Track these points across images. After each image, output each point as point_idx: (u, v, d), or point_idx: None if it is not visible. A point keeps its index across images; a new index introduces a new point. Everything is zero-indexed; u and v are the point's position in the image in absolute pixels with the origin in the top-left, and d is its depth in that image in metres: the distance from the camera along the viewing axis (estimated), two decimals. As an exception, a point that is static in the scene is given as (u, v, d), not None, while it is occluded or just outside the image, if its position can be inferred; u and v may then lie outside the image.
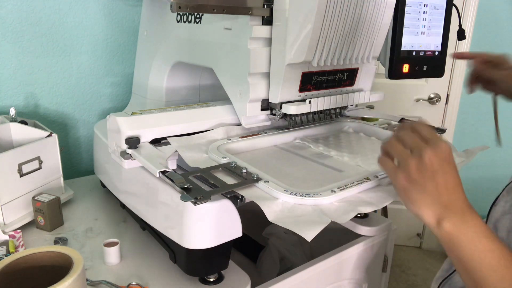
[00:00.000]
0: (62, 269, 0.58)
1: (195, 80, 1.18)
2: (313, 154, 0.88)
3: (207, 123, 0.90)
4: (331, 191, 0.66)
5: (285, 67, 0.79)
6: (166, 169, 0.69)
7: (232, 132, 0.91)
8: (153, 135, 0.83)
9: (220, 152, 0.79)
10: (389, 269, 1.05)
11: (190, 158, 0.76)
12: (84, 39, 1.28)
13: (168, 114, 0.88)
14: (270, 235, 1.12)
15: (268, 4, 0.78)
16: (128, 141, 0.78)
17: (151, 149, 0.79)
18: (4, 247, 0.81)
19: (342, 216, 0.61)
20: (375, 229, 0.96)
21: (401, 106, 2.16)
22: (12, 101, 1.20)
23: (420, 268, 2.19)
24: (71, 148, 1.34)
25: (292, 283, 0.81)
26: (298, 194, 0.63)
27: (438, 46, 0.97)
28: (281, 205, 0.63)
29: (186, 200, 0.60)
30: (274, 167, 0.80)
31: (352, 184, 0.69)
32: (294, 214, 0.61)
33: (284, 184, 0.67)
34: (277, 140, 0.94)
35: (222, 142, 0.85)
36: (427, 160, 0.49)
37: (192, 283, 0.76)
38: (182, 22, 1.00)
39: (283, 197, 0.63)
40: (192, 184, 0.64)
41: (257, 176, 0.68)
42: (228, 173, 0.71)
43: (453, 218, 0.49)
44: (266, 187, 0.66)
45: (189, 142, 0.84)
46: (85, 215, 1.01)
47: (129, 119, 0.82)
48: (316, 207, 0.63)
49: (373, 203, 0.66)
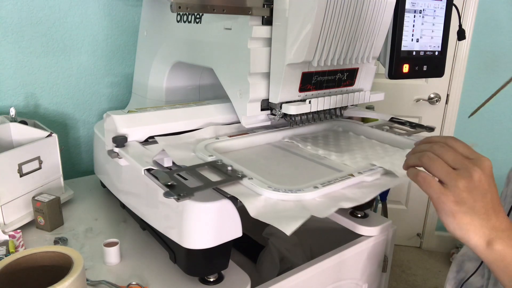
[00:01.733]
0: (62, 269, 0.58)
1: (195, 80, 1.18)
2: (301, 153, 0.89)
3: (201, 121, 0.92)
4: (314, 187, 0.66)
5: (285, 67, 0.79)
6: (151, 167, 0.69)
7: (221, 132, 0.92)
8: (150, 132, 0.84)
9: (207, 150, 0.80)
10: (389, 269, 1.05)
11: (177, 156, 0.77)
12: (84, 39, 1.28)
13: (164, 113, 0.89)
14: (270, 235, 1.12)
15: (268, 4, 0.78)
16: (115, 139, 0.79)
17: (138, 147, 0.80)
18: (4, 247, 0.81)
19: (323, 211, 0.62)
20: (375, 229, 0.96)
21: (401, 106, 2.16)
22: (12, 101, 1.20)
23: (420, 268, 2.19)
24: (71, 148, 1.34)
25: (292, 283, 0.81)
26: (281, 190, 0.64)
27: (438, 46, 0.97)
28: (264, 201, 0.63)
29: (169, 196, 0.60)
30: (260, 165, 0.81)
31: (336, 181, 0.70)
32: (277, 210, 0.61)
33: (269, 181, 0.68)
34: (266, 139, 0.95)
35: (210, 141, 0.86)
36: (477, 180, 0.46)
37: (192, 283, 0.76)
38: (182, 22, 1.00)
39: (266, 193, 0.64)
40: (176, 182, 0.64)
41: (242, 173, 0.69)
42: (214, 170, 0.71)
43: (504, 237, 0.47)
44: (250, 184, 0.66)
45: (177, 141, 0.84)
46: (85, 215, 1.01)
47: (125, 117, 0.83)
48: (299, 202, 0.64)
49: (356, 198, 0.67)
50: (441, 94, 2.12)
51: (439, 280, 2.10)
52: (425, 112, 2.15)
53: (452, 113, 2.14)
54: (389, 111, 1.17)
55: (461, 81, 2.09)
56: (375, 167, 0.78)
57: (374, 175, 0.75)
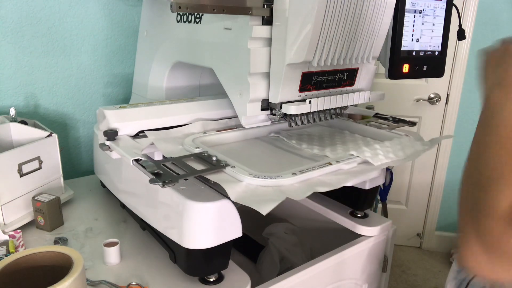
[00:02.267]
0: (62, 269, 0.58)
1: (195, 80, 1.18)
2: (285, 146, 0.92)
3: (190, 117, 0.95)
4: (292, 174, 0.70)
5: (285, 67, 0.79)
6: (139, 158, 0.72)
7: (209, 127, 0.95)
8: (140, 127, 0.88)
9: (195, 144, 0.83)
10: (389, 269, 1.05)
11: (165, 149, 0.80)
12: (84, 39, 1.28)
13: (154, 108, 0.93)
14: (270, 235, 1.12)
15: (268, 4, 0.78)
16: (106, 133, 0.82)
17: (129, 141, 0.83)
18: (4, 247, 0.81)
19: (299, 194, 0.65)
20: (375, 229, 0.96)
21: (401, 106, 2.16)
22: (12, 101, 1.20)
23: (420, 268, 2.19)
24: (71, 148, 1.34)
25: (292, 283, 0.81)
26: (261, 177, 0.68)
27: (438, 46, 0.97)
28: (245, 187, 0.67)
29: (154, 183, 0.63)
30: (244, 156, 0.85)
31: (314, 168, 0.74)
32: (256, 194, 0.65)
33: (250, 169, 0.71)
34: (252, 134, 0.98)
35: (198, 135, 0.89)
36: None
37: (192, 283, 0.76)
38: (182, 22, 1.00)
39: (247, 180, 0.68)
40: (162, 170, 0.67)
41: (225, 162, 0.73)
42: (200, 161, 0.75)
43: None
44: (233, 172, 0.70)
45: (166, 135, 0.88)
46: (85, 215, 1.01)
47: (117, 112, 0.86)
48: (277, 188, 0.67)
49: (332, 184, 0.71)
50: (441, 94, 2.12)
51: (439, 280, 2.10)
52: (425, 112, 2.15)
53: (452, 113, 2.14)
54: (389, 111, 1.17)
55: (461, 81, 2.08)
56: (353, 156, 0.81)
57: (351, 163, 0.79)
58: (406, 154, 0.85)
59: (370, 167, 0.79)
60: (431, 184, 2.27)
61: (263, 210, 0.59)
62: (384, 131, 1.00)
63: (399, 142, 0.90)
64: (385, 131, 1.00)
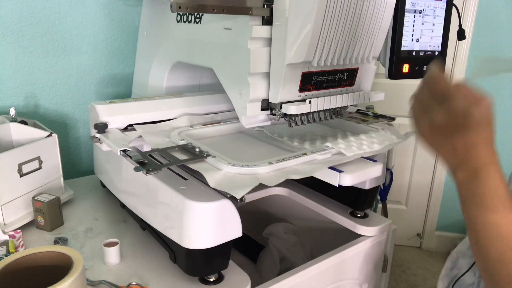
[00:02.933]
0: (62, 269, 0.58)
1: (195, 80, 1.18)
2: (267, 140, 0.97)
3: (177, 112, 1.00)
4: (268, 163, 0.75)
5: (285, 67, 0.79)
6: (127, 148, 0.77)
7: (195, 121, 1.00)
8: (129, 121, 0.92)
9: (180, 136, 0.87)
10: (389, 269, 1.05)
11: (152, 141, 0.84)
12: (84, 39, 1.28)
13: (143, 103, 0.97)
14: (270, 235, 1.12)
15: (268, 4, 0.78)
16: (96, 126, 0.87)
17: (118, 134, 0.87)
18: (4, 247, 0.81)
19: (273, 181, 0.70)
20: (375, 229, 0.96)
21: (401, 106, 2.15)
22: (12, 101, 1.20)
23: (420, 268, 2.19)
24: (71, 148, 1.34)
25: (292, 283, 0.81)
26: (239, 165, 0.73)
27: (438, 46, 0.97)
28: (224, 174, 0.72)
29: (138, 170, 0.68)
30: (226, 148, 0.90)
31: (290, 158, 0.78)
32: (233, 181, 0.70)
33: (230, 159, 0.76)
34: (236, 128, 1.03)
35: (185, 129, 0.93)
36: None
37: (192, 283, 0.76)
38: (182, 22, 1.00)
39: (226, 168, 0.73)
40: (147, 160, 0.72)
41: (207, 153, 0.78)
42: (184, 152, 0.79)
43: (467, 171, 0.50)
44: (213, 161, 0.75)
45: (154, 129, 0.92)
46: (85, 215, 1.01)
47: (107, 107, 0.91)
48: (253, 175, 0.72)
49: (305, 172, 0.75)
50: (441, 94, 2.12)
51: (439, 280, 2.11)
52: (425, 112, 2.15)
53: (452, 113, 2.14)
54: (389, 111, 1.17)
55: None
56: (328, 148, 0.85)
57: (326, 154, 0.83)
58: (380, 146, 0.89)
59: (343, 157, 0.83)
60: (431, 184, 2.27)
61: (238, 194, 0.65)
62: (363, 126, 1.04)
63: (375, 135, 0.95)
64: (363, 126, 1.04)
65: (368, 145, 0.89)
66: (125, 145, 0.78)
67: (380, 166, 0.85)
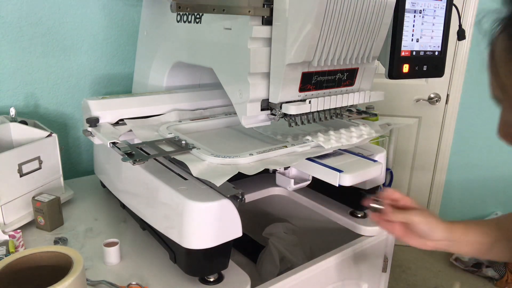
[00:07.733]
0: (62, 269, 0.58)
1: (195, 80, 1.18)
2: (252, 134, 1.00)
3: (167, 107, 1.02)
4: (249, 154, 0.79)
5: (285, 67, 0.79)
6: (116, 141, 0.80)
7: (184, 116, 1.03)
8: (120, 115, 0.95)
9: (169, 131, 0.90)
10: (389, 269, 1.05)
11: (142, 135, 0.88)
12: (84, 39, 1.28)
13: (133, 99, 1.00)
14: (270, 235, 1.12)
15: (268, 4, 0.78)
16: (88, 120, 0.90)
17: (109, 128, 0.90)
18: (4, 247, 0.81)
19: (252, 170, 0.73)
20: (375, 229, 0.96)
21: (401, 106, 2.16)
22: (12, 101, 1.20)
23: (420, 268, 2.19)
24: (71, 148, 1.34)
25: (292, 283, 0.81)
26: (221, 156, 0.77)
27: (438, 46, 0.97)
28: (207, 165, 0.76)
29: (125, 160, 0.71)
30: (212, 141, 0.94)
31: (270, 150, 0.82)
32: (215, 171, 0.73)
33: (214, 151, 0.79)
34: (224, 123, 1.06)
35: (173, 124, 0.97)
36: None
37: (192, 283, 0.76)
38: (182, 22, 1.00)
39: (209, 159, 0.77)
40: (135, 151, 0.76)
41: (192, 145, 0.81)
42: (171, 145, 0.83)
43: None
44: (197, 153, 0.78)
45: (144, 123, 0.95)
46: (85, 215, 1.01)
47: (99, 102, 0.94)
48: (234, 166, 0.75)
49: (283, 163, 0.80)
50: (441, 94, 2.12)
51: (439, 280, 2.10)
52: (425, 112, 2.15)
53: (452, 113, 2.14)
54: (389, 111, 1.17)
55: (461, 81, 2.08)
56: (308, 141, 0.89)
57: (305, 147, 0.87)
58: (358, 140, 0.93)
59: (321, 149, 0.86)
60: (431, 184, 2.27)
61: (218, 182, 0.68)
62: (344, 121, 1.07)
63: (354, 130, 0.99)
64: (345, 121, 1.07)
65: (347, 139, 0.92)
66: (115, 138, 0.81)
67: (380, 166, 0.85)
